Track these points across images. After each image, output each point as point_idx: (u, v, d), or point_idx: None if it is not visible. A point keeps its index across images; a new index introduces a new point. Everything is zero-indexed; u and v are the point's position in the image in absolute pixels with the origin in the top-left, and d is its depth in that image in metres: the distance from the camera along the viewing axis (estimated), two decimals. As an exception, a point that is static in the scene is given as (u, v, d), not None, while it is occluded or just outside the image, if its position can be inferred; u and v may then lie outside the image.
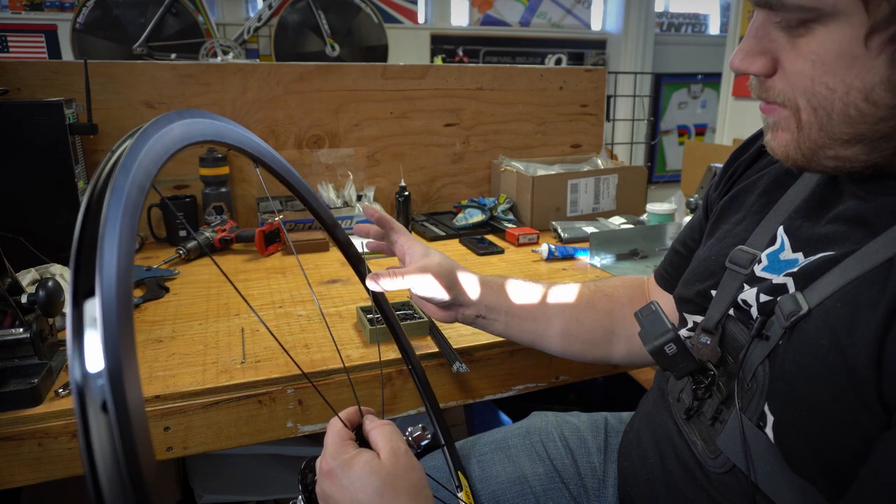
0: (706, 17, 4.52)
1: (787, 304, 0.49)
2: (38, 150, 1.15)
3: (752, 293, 0.55)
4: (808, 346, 0.47)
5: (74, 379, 0.28)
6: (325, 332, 0.93)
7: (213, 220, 1.41)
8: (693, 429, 0.60)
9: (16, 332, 0.75)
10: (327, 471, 0.53)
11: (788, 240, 0.56)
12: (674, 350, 0.56)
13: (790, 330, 0.49)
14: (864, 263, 0.46)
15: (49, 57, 3.07)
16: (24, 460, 0.71)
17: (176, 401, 0.75)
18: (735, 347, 0.56)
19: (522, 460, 0.80)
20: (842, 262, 0.48)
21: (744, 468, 0.52)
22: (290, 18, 3.22)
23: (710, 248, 0.65)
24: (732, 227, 0.64)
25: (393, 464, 0.52)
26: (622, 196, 1.61)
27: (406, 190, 1.44)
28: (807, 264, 0.52)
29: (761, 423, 0.50)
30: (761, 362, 0.51)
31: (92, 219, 0.31)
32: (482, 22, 3.93)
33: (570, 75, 1.75)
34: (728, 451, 0.54)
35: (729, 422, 0.54)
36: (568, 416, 0.88)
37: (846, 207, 0.52)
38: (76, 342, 0.28)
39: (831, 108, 0.46)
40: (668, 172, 4.49)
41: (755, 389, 0.51)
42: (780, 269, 0.54)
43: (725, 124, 3.17)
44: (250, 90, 1.46)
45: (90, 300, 0.29)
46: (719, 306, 0.59)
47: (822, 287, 0.48)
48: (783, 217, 0.58)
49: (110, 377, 0.27)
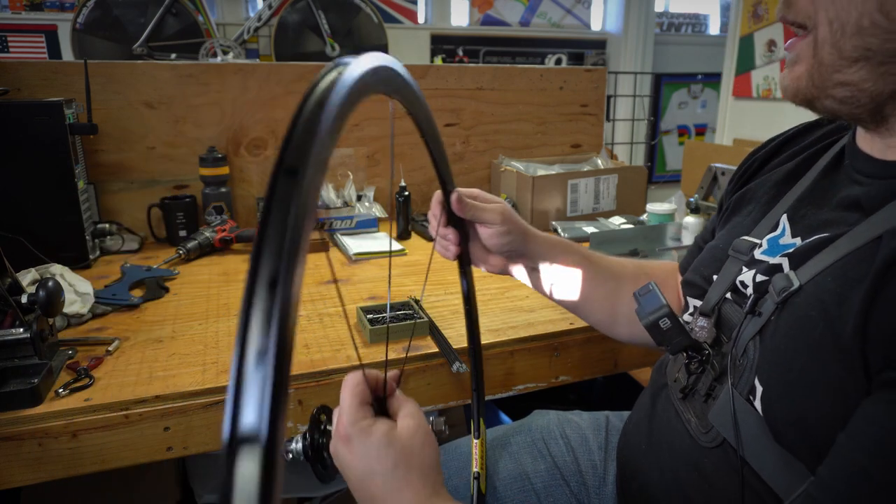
0: (706, 17, 4.52)
1: (780, 282, 0.52)
2: (38, 150, 1.15)
3: (749, 275, 0.58)
4: (797, 318, 0.49)
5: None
6: (324, 332, 0.93)
7: (213, 220, 1.41)
8: (688, 407, 0.61)
9: (16, 332, 0.75)
10: (344, 435, 0.52)
11: (790, 226, 0.58)
12: (668, 325, 0.58)
13: (781, 305, 0.51)
14: (854, 242, 0.49)
15: (49, 57, 3.06)
16: (24, 460, 0.71)
17: (176, 401, 0.75)
18: (730, 327, 0.58)
19: (524, 457, 0.81)
20: (834, 241, 0.50)
21: (733, 441, 0.53)
22: (290, 18, 3.22)
23: (720, 238, 0.68)
24: (742, 218, 0.67)
25: (410, 438, 0.52)
26: (622, 196, 1.61)
27: (406, 190, 1.44)
28: (802, 245, 0.54)
29: (751, 397, 0.52)
30: (752, 338, 0.53)
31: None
32: (482, 22, 3.93)
33: (570, 75, 1.75)
34: (718, 424, 0.55)
35: (721, 397, 0.56)
36: (569, 415, 0.89)
37: (846, 194, 0.54)
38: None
39: (847, 18, 0.48)
40: (668, 172, 4.49)
41: (746, 364, 0.53)
42: (777, 251, 0.57)
43: (725, 124, 3.17)
44: (250, 90, 1.46)
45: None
46: (718, 289, 0.62)
47: (813, 264, 0.51)
48: (787, 206, 0.60)
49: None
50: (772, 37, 2.83)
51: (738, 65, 3.01)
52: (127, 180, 1.42)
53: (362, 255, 1.30)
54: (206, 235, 1.32)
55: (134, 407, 0.74)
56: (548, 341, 0.93)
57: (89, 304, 0.96)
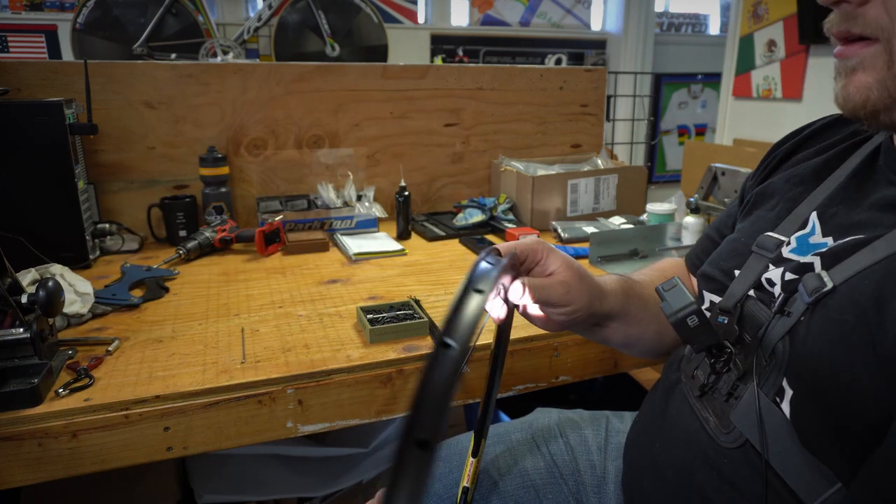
0: (706, 17, 4.52)
1: (812, 282, 0.50)
2: (38, 150, 1.15)
3: (777, 272, 0.56)
4: (832, 321, 0.47)
5: None
6: (325, 331, 0.93)
7: (213, 220, 1.41)
8: (706, 406, 0.60)
9: (16, 332, 0.75)
10: None
11: (820, 225, 0.56)
12: (696, 322, 0.56)
13: (813, 306, 0.49)
14: (893, 245, 0.47)
15: (49, 57, 3.06)
16: (24, 460, 0.71)
17: (176, 401, 0.75)
18: (754, 326, 0.56)
19: (524, 454, 0.81)
20: (871, 243, 0.48)
21: (756, 443, 0.52)
22: (290, 18, 3.22)
23: (741, 231, 0.66)
24: (765, 213, 0.65)
25: None
26: (622, 196, 1.61)
27: (406, 190, 1.44)
28: (835, 246, 0.52)
29: (778, 399, 0.51)
30: (781, 338, 0.51)
31: None
32: (482, 22, 3.93)
33: (570, 75, 1.75)
34: (742, 425, 0.54)
35: (744, 397, 0.54)
36: (570, 414, 0.89)
37: (882, 195, 0.52)
38: None
39: None
40: (668, 172, 4.49)
41: (774, 365, 0.51)
42: (807, 250, 0.55)
43: (725, 124, 3.17)
44: (250, 90, 1.46)
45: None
46: (741, 286, 0.59)
47: (848, 266, 0.49)
48: (816, 204, 0.58)
49: None
50: (772, 37, 2.83)
51: (738, 65, 3.01)
52: (127, 180, 1.42)
53: (362, 255, 1.30)
54: (206, 235, 1.32)
55: (134, 407, 0.74)
56: (548, 341, 0.93)
57: (89, 304, 0.96)
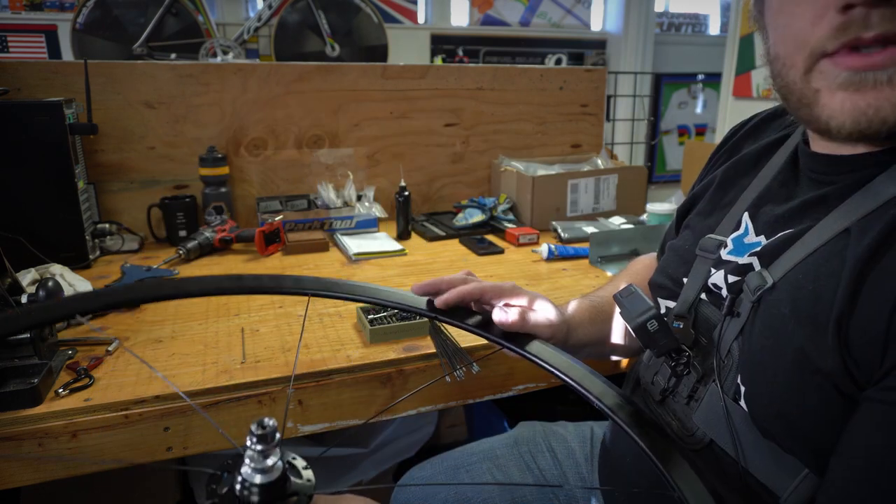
0: (706, 17, 4.52)
1: (754, 280, 0.52)
2: (38, 150, 1.15)
3: (720, 275, 0.58)
4: (771, 316, 0.50)
5: None
6: (324, 331, 0.93)
7: (213, 220, 1.41)
8: (667, 410, 0.61)
9: (16, 332, 0.75)
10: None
11: (752, 224, 0.59)
12: (655, 327, 0.57)
13: (757, 304, 0.52)
14: (822, 236, 0.49)
15: (49, 57, 3.06)
16: (24, 460, 0.71)
17: (176, 401, 0.75)
18: (708, 328, 0.58)
19: (511, 470, 0.81)
20: (802, 237, 0.51)
21: (720, 442, 0.54)
22: (290, 18, 3.21)
23: (683, 237, 0.69)
24: (702, 218, 0.67)
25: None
26: (622, 196, 1.61)
27: (406, 190, 1.44)
28: (768, 244, 0.54)
29: (737, 396, 0.52)
30: (735, 338, 0.53)
31: None
32: (482, 22, 3.93)
33: (570, 75, 1.75)
34: (705, 426, 0.55)
35: (705, 398, 0.55)
36: (555, 427, 0.90)
37: (808, 197, 0.54)
38: None
39: None
40: (668, 172, 4.49)
41: (730, 365, 0.53)
42: (744, 251, 0.57)
43: (725, 124, 3.17)
44: (250, 90, 1.46)
45: None
46: (691, 291, 0.61)
47: (784, 261, 0.51)
48: (747, 204, 0.61)
49: None
50: (772, 37, 2.83)
51: (738, 65, 3.01)
52: (127, 180, 1.42)
53: (362, 255, 1.30)
54: (206, 235, 1.32)
55: (134, 407, 0.74)
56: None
57: (89, 304, 0.96)
